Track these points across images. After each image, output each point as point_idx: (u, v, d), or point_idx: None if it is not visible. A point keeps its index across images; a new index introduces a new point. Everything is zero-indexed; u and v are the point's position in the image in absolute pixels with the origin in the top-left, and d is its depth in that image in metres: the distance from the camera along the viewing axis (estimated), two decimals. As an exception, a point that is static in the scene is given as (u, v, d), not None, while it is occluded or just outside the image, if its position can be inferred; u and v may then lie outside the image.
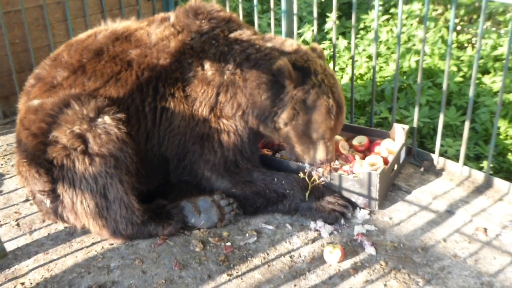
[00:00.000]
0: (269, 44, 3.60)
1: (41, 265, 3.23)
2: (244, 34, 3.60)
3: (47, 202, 3.35)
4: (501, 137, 4.54)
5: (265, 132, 3.62)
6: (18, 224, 3.60)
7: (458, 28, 5.96)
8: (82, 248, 3.36)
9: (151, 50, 3.53)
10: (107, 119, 3.22)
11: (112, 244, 3.38)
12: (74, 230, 3.48)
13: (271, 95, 3.47)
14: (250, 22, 4.94)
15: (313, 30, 5.62)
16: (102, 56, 3.51)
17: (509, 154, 4.46)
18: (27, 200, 3.83)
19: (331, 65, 4.24)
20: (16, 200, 3.86)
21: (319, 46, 3.79)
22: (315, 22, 4.48)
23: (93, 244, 3.39)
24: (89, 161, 3.17)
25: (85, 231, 3.45)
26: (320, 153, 3.60)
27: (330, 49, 5.80)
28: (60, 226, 3.53)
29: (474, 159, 4.54)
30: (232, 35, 3.58)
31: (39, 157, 3.24)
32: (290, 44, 3.62)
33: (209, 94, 3.51)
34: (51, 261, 3.26)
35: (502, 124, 4.56)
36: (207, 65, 3.51)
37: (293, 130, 3.54)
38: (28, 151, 3.28)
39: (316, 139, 3.58)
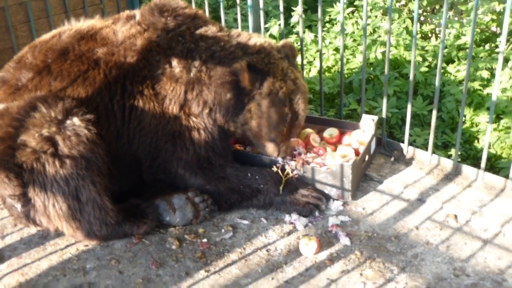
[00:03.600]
0: (234, 42, 3.57)
1: (15, 270, 3.19)
2: (210, 30, 3.58)
3: (18, 206, 3.30)
4: (467, 125, 4.64)
5: (232, 131, 3.61)
6: (-11, 230, 3.55)
7: (422, 18, 6.05)
8: (56, 251, 3.32)
9: (118, 48, 3.49)
10: (76, 120, 3.18)
11: (87, 246, 3.35)
12: (47, 233, 3.43)
13: (234, 94, 3.45)
14: (216, 18, 4.92)
15: (279, 24, 5.64)
16: (67, 55, 3.46)
17: (476, 141, 4.55)
18: (-3, 205, 3.77)
19: (299, 58, 4.25)
20: (-14, 206, 3.79)
21: (289, 43, 3.72)
22: (281, 16, 4.49)
23: (67, 246, 3.36)
24: (59, 163, 3.12)
25: (58, 234, 3.41)
26: (269, 152, 3.63)
27: (297, 43, 5.82)
28: (33, 229, 3.49)
29: (442, 148, 4.62)
30: (198, 31, 3.56)
31: (8, 161, 3.17)
32: (254, 44, 3.57)
33: (178, 92, 3.49)
34: (25, 265, 3.22)
35: (468, 112, 4.65)
36: (174, 62, 3.49)
37: (248, 131, 3.56)
38: (-4, 156, 3.22)
39: (267, 140, 3.58)
